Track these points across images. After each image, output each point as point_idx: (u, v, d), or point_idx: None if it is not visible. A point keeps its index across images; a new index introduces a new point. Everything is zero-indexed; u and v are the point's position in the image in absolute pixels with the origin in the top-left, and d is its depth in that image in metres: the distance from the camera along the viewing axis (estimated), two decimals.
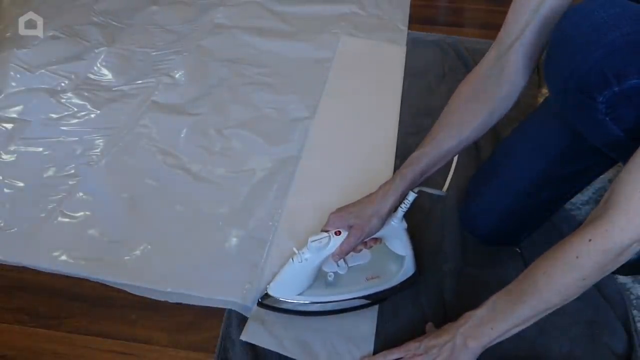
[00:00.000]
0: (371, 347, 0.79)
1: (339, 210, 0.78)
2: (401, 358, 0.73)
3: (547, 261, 0.62)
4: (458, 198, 1.00)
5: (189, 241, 0.95)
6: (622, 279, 0.89)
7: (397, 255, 0.84)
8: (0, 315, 0.84)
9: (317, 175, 1.08)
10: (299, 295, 0.79)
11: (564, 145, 0.83)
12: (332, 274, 0.81)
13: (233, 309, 0.84)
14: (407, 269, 0.83)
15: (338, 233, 0.75)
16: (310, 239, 0.75)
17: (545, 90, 1.29)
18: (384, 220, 0.77)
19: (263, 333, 0.80)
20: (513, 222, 0.90)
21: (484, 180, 0.93)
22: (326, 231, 0.76)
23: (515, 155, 0.90)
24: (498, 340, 0.67)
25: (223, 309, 0.84)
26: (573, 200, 0.98)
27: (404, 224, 0.80)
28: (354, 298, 0.81)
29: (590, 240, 0.57)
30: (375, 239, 0.82)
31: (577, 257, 0.58)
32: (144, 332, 0.82)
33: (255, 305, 0.82)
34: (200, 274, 0.89)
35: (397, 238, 0.82)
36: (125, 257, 0.91)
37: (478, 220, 0.92)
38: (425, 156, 0.77)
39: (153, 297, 0.86)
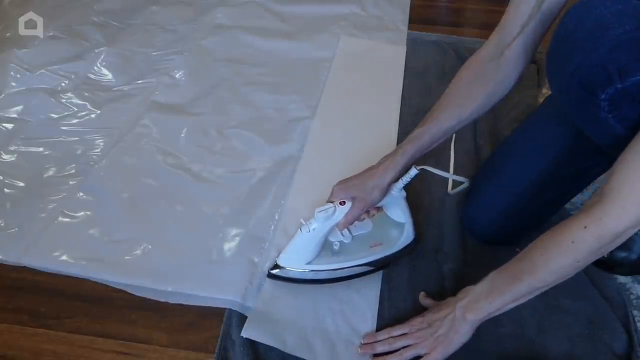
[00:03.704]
0: None
1: (342, 182, 0.82)
2: (405, 333, 0.76)
3: (544, 244, 0.65)
4: (458, 198, 1.00)
5: (189, 241, 0.95)
6: (622, 279, 0.89)
7: (397, 222, 0.88)
8: (0, 315, 0.84)
9: (317, 175, 1.07)
10: (307, 264, 0.82)
11: (565, 145, 0.83)
12: (337, 243, 0.85)
13: (233, 308, 0.84)
14: (407, 235, 0.87)
15: (342, 203, 0.79)
16: (317, 210, 0.78)
17: (545, 90, 1.29)
18: (385, 192, 0.81)
19: (263, 329, 0.80)
20: (513, 222, 0.90)
21: (484, 181, 0.93)
22: (331, 202, 0.79)
23: (516, 155, 0.90)
24: (495, 314, 0.70)
25: (223, 309, 0.84)
26: (573, 200, 0.98)
27: (404, 193, 0.83)
28: (359, 265, 0.84)
29: (585, 227, 0.60)
30: (377, 208, 0.86)
31: (572, 242, 0.61)
32: (144, 332, 0.82)
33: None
34: (200, 274, 0.89)
35: (397, 206, 0.86)
36: (126, 257, 0.91)
37: (478, 220, 0.92)
38: (427, 133, 0.81)
39: (153, 297, 0.86)
